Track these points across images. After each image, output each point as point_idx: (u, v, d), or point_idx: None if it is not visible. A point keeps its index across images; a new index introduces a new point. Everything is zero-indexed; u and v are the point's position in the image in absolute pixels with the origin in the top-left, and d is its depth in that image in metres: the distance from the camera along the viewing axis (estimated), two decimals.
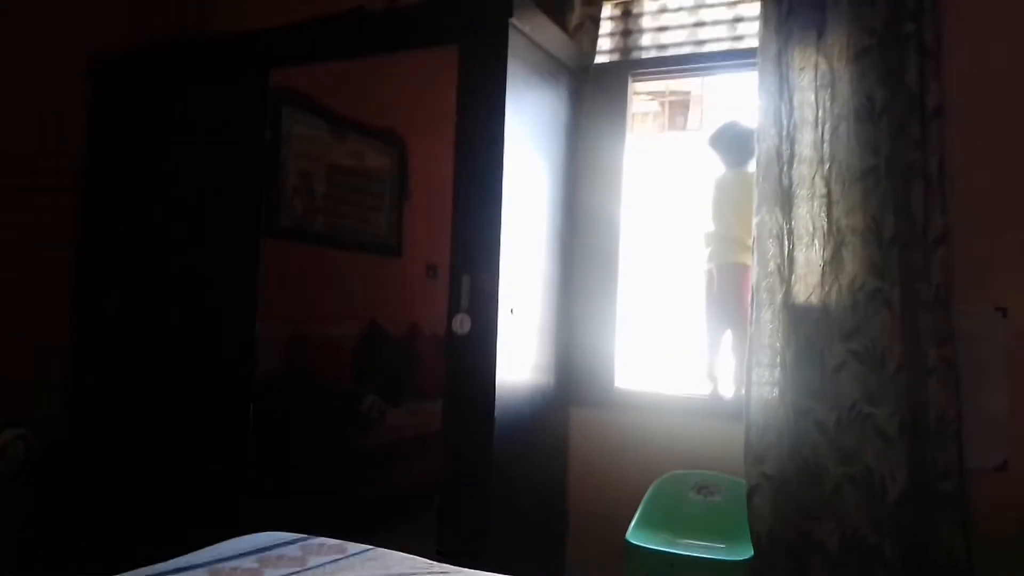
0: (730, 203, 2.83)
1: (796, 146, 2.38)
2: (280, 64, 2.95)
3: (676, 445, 2.67)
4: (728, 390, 2.81)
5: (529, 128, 2.61)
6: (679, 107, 3.63)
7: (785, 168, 2.38)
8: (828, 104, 2.34)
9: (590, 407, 2.87)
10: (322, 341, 4.05)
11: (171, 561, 1.50)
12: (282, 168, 3.81)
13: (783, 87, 2.40)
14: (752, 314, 2.38)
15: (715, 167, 2.94)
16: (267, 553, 1.59)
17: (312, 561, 1.56)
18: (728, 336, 2.83)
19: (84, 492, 2.63)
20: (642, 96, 3.06)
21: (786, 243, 2.36)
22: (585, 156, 2.92)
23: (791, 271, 2.35)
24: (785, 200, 2.37)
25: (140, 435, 2.95)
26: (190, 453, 2.88)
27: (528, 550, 2.60)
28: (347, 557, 1.60)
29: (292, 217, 4.05)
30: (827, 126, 2.34)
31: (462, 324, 2.43)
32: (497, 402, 2.40)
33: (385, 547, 1.67)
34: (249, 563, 1.52)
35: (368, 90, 4.18)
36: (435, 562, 1.61)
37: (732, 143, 2.86)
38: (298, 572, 1.49)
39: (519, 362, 2.57)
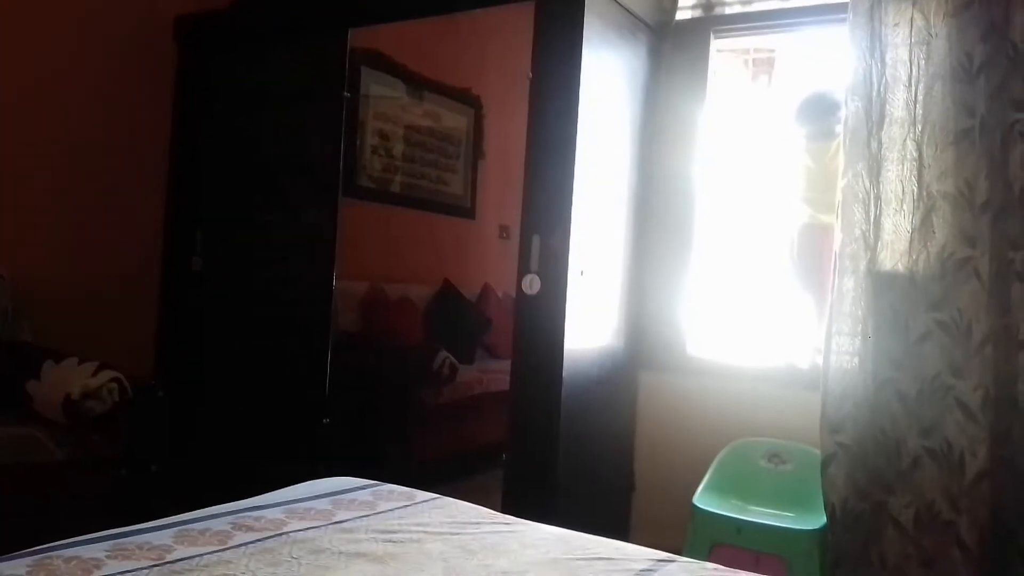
0: (820, 173, 2.74)
1: (887, 107, 2.27)
2: (359, 23, 2.97)
3: (748, 413, 2.64)
4: (805, 358, 2.74)
5: (606, 87, 2.57)
6: (763, 65, 3.50)
7: (874, 130, 2.27)
8: (923, 62, 2.22)
9: (660, 371, 2.85)
10: (397, 299, 4.14)
11: (248, 500, 1.58)
12: (361, 128, 3.89)
13: (875, 44, 2.28)
14: (834, 281, 2.30)
15: (799, 141, 2.85)
16: (340, 496, 1.66)
17: (382, 506, 1.62)
18: (809, 302, 2.76)
19: (173, 434, 2.79)
20: (724, 54, 2.96)
21: (872, 208, 2.27)
22: (663, 116, 2.86)
23: (877, 237, 2.26)
24: (873, 163, 2.27)
25: (224, 384, 3.09)
26: (272, 402, 3.00)
27: (592, 509, 2.63)
28: (415, 504, 1.65)
29: (370, 177, 4.14)
30: (921, 85, 2.22)
31: (531, 285, 2.43)
32: (565, 362, 2.41)
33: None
34: (323, 505, 1.59)
35: (445, 50, 4.20)
36: (500, 513, 1.65)
37: (820, 114, 2.76)
38: (368, 516, 1.55)
39: (588, 324, 2.57)
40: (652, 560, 1.40)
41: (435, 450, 3.58)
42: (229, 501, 1.56)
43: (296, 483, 1.74)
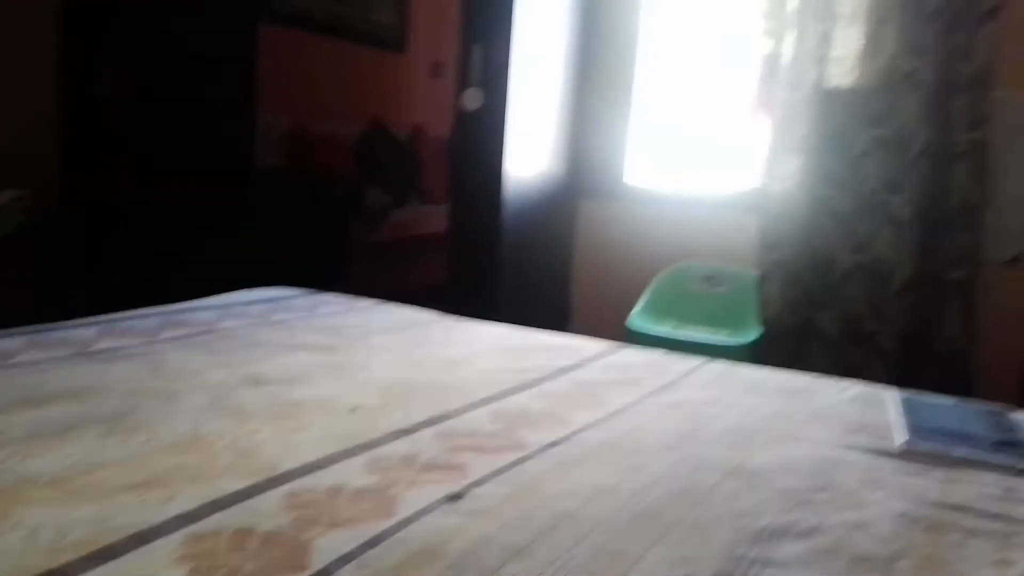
0: None
1: None
2: None
3: (686, 239, 2.64)
4: (746, 182, 2.74)
5: None
6: None
7: None
8: None
9: (599, 200, 2.81)
10: (323, 136, 3.92)
11: (181, 303, 1.49)
12: None
13: None
14: (782, 98, 2.26)
15: None
16: (276, 302, 1.58)
17: (322, 309, 1.55)
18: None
19: (79, 256, 2.60)
20: None
21: (825, 22, 2.20)
22: None
23: (827, 52, 2.21)
24: None
25: (134, 212, 2.89)
26: (186, 238, 2.84)
27: None
28: (356, 309, 1.60)
29: (291, 2, 3.80)
30: None
31: (473, 99, 2.30)
32: (504, 182, 2.33)
33: None
34: (258, 309, 1.51)
35: None
36: (447, 314, 1.61)
37: None
38: (308, 316, 1.49)
39: (529, 145, 2.48)
40: (601, 349, 1.39)
41: (370, 291, 3.51)
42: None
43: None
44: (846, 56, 2.19)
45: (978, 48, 2.04)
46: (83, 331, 1.26)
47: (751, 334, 2.34)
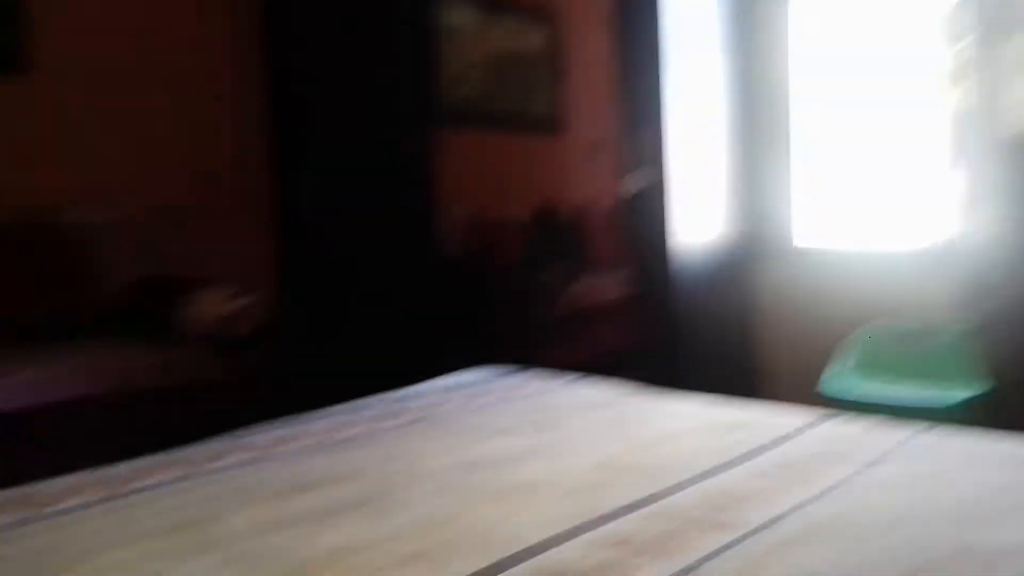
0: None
1: None
2: None
3: (873, 297, 2.54)
4: (931, 236, 2.60)
5: None
6: None
7: None
8: None
9: (775, 261, 2.77)
10: (496, 222, 4.16)
11: (394, 392, 1.64)
12: (441, 57, 3.86)
13: None
14: (975, 145, 2.16)
15: None
16: (483, 384, 1.70)
17: (521, 391, 1.65)
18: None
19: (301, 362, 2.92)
20: None
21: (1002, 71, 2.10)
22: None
23: (1007, 100, 2.10)
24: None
25: (342, 312, 3.19)
26: (386, 327, 3.08)
27: None
28: (551, 390, 1.68)
29: (454, 105, 4.12)
30: None
31: (636, 181, 2.39)
32: (675, 257, 2.38)
33: None
34: (463, 394, 1.63)
35: None
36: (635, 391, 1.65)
37: None
38: (507, 398, 1.59)
39: (696, 218, 2.52)
40: (804, 421, 1.37)
41: (556, 362, 3.62)
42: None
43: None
44: None
45: None
46: (320, 423, 1.43)
47: (961, 393, 2.18)
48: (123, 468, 1.18)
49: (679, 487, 1.06)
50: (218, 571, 0.85)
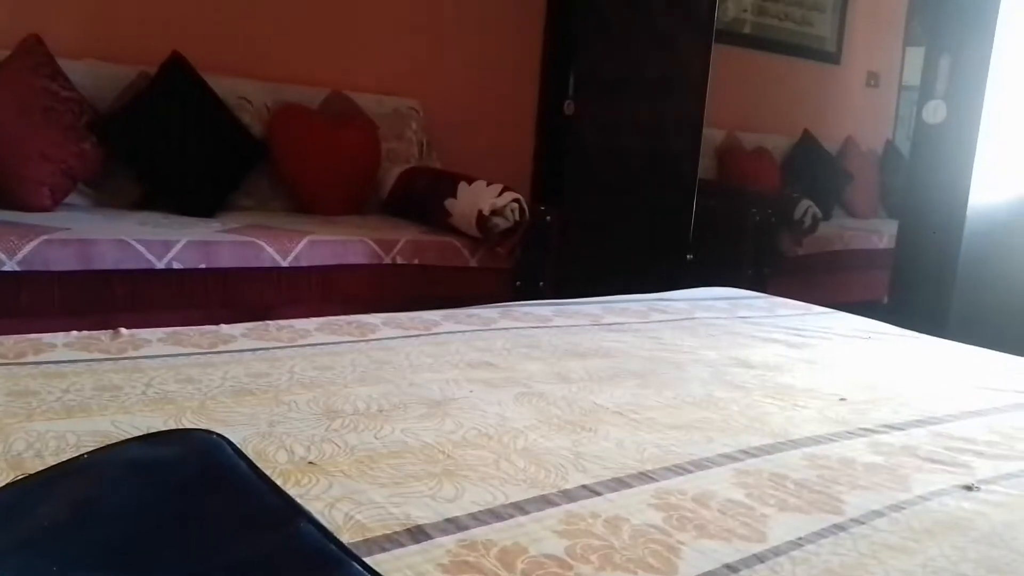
0: None
1: None
2: None
3: None
4: None
5: None
6: None
7: None
8: None
9: None
10: (753, 149, 4.03)
11: (659, 294, 1.72)
12: None
13: None
14: None
15: None
16: (739, 301, 1.73)
17: (780, 311, 1.67)
18: None
19: (557, 255, 3.10)
20: None
21: None
22: None
23: None
24: None
25: (597, 215, 3.31)
26: (639, 236, 3.16)
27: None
28: (812, 314, 1.67)
29: (723, 20, 3.97)
30: None
31: (935, 112, 2.21)
32: (969, 207, 2.19)
33: None
34: (723, 304, 1.68)
35: None
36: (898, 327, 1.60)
37: None
38: (769, 316, 1.61)
39: (1002, 164, 2.28)
40: None
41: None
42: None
43: None
44: None
45: None
46: (590, 307, 1.54)
47: None
48: (434, 313, 1.37)
49: (963, 416, 1.05)
50: (519, 402, 0.99)
